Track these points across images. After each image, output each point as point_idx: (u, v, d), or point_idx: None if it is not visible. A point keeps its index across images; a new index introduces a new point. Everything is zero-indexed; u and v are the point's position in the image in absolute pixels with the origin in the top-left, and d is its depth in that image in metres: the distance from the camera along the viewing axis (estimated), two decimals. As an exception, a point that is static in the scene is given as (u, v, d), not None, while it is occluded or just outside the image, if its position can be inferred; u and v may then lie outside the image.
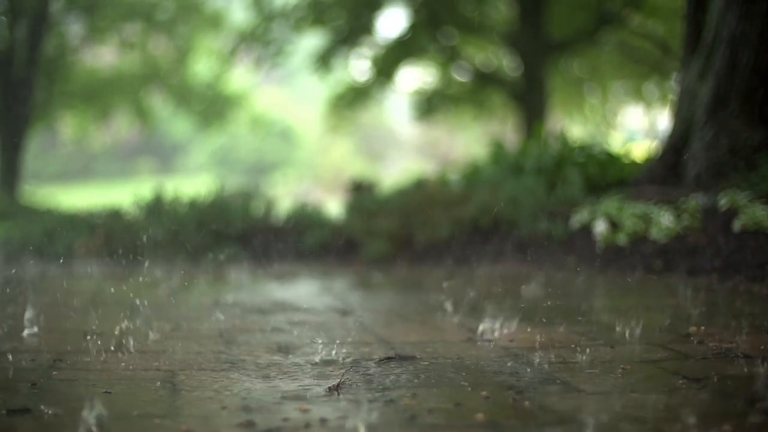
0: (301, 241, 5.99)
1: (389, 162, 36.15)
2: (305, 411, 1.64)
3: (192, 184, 9.37)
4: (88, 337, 2.53)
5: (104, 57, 18.08)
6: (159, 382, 1.91)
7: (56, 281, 4.67)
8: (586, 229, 5.03)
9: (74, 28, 16.26)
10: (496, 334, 2.55)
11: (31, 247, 6.08)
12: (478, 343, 2.42)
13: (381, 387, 1.84)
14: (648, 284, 4.04)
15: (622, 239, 4.72)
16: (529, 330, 2.63)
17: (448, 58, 15.71)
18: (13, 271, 5.26)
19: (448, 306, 3.12)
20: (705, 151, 5.37)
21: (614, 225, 4.89)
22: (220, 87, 17.96)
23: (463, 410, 1.64)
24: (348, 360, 2.19)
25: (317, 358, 2.22)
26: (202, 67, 18.15)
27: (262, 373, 2.02)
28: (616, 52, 15.83)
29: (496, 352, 2.30)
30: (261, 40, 15.43)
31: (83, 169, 35.24)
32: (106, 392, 1.81)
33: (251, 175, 33.49)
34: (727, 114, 5.33)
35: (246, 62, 17.03)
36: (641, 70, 16.12)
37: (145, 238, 5.72)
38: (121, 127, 21.05)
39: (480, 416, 1.58)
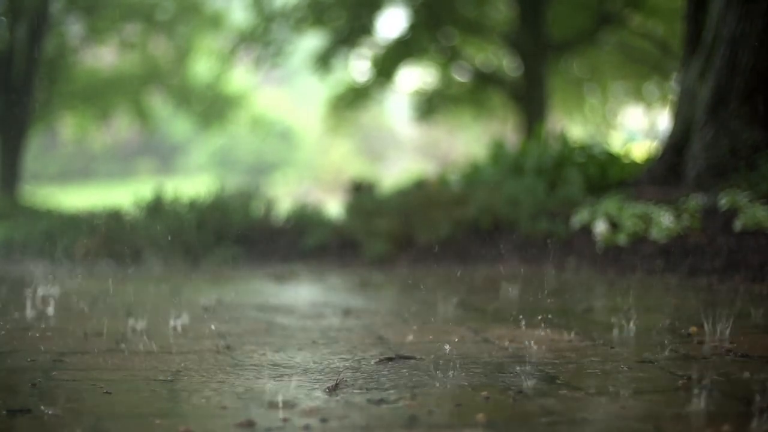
0: (301, 242, 5.99)
1: (389, 162, 36.13)
2: (305, 411, 1.64)
3: (192, 184, 9.36)
4: (88, 337, 2.53)
5: (104, 57, 18.08)
6: (159, 382, 1.91)
7: (56, 282, 4.67)
8: (587, 229, 5.03)
9: (74, 29, 16.26)
10: (496, 333, 2.55)
11: (31, 248, 6.08)
12: (478, 343, 2.41)
13: (381, 387, 1.84)
14: (648, 284, 4.04)
15: (622, 239, 4.72)
16: (528, 330, 2.63)
17: (448, 58, 15.72)
18: (13, 271, 5.25)
19: (448, 306, 3.12)
20: (705, 151, 5.38)
21: (614, 225, 4.89)
22: (220, 87, 17.97)
23: (463, 410, 1.64)
24: (348, 360, 2.19)
25: (317, 358, 2.22)
26: (202, 67, 18.15)
27: (262, 373, 2.02)
28: (616, 52, 15.83)
29: (496, 351, 2.30)
30: (261, 40, 15.43)
31: (83, 169, 35.19)
32: (106, 392, 1.81)
33: (251, 175, 33.45)
34: (727, 114, 5.33)
35: (246, 62, 17.04)
36: (641, 70, 16.13)
37: (145, 239, 5.72)
38: (121, 127, 21.05)
39: (480, 416, 1.58)
